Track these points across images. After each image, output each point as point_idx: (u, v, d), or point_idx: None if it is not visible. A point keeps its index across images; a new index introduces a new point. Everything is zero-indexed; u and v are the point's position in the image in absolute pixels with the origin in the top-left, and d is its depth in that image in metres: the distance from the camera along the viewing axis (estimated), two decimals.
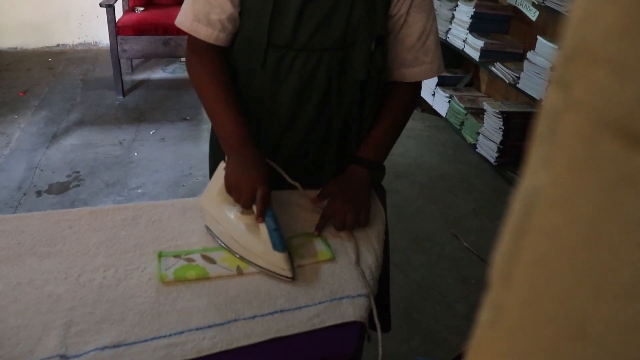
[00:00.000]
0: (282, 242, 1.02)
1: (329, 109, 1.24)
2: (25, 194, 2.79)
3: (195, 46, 1.20)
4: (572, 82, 0.17)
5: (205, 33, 1.17)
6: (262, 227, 1.02)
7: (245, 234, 1.06)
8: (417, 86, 1.33)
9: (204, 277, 1.02)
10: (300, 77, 1.18)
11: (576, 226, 0.17)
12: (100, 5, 3.70)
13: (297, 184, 1.18)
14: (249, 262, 1.05)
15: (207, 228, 1.14)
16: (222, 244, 1.09)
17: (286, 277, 1.01)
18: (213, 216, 1.11)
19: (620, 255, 0.16)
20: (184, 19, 1.18)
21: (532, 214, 0.19)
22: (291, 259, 1.04)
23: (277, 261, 1.01)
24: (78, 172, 3.01)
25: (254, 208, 1.04)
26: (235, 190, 1.05)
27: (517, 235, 0.19)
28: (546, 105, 0.18)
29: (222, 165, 1.12)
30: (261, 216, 1.03)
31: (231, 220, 1.08)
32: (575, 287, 0.17)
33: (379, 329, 0.98)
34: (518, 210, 0.20)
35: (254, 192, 1.03)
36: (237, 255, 1.06)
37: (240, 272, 1.04)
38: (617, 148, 0.16)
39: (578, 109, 0.17)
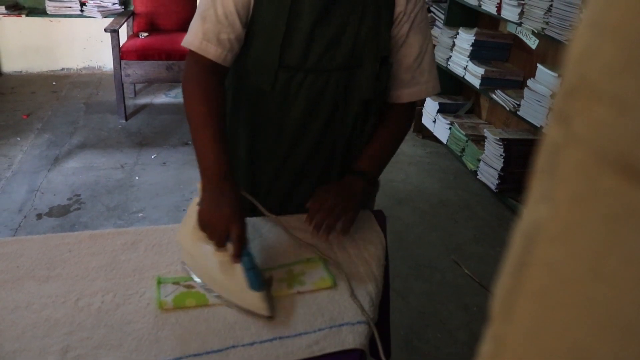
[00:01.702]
0: (259, 280, 0.99)
1: (334, 128, 1.25)
2: (25, 217, 2.79)
3: (199, 66, 1.17)
4: (572, 117, 0.17)
5: (215, 52, 1.16)
6: (238, 267, 0.99)
7: (222, 272, 1.02)
8: (413, 106, 1.35)
9: (204, 304, 1.01)
10: (308, 97, 1.20)
11: (577, 260, 0.17)
12: (105, 30, 3.74)
13: (272, 216, 1.17)
14: (225, 301, 1.02)
15: (183, 264, 1.11)
16: (198, 281, 1.06)
17: (264, 315, 0.99)
18: (189, 252, 1.08)
19: (622, 291, 0.16)
20: (192, 38, 1.16)
21: (533, 248, 0.18)
22: (269, 296, 1.01)
23: (254, 300, 0.98)
24: (79, 195, 3.01)
25: (229, 246, 1.01)
26: (209, 229, 1.02)
27: (518, 269, 0.19)
28: (547, 139, 0.18)
29: (196, 200, 1.08)
30: (237, 257, 1.00)
31: (207, 257, 1.04)
32: (577, 322, 0.17)
33: (382, 355, 0.97)
34: (519, 244, 0.19)
35: (227, 231, 1.00)
36: (214, 294, 1.03)
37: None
38: (618, 183, 0.16)
39: (578, 144, 0.17)
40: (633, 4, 0.15)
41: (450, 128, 3.81)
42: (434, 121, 3.98)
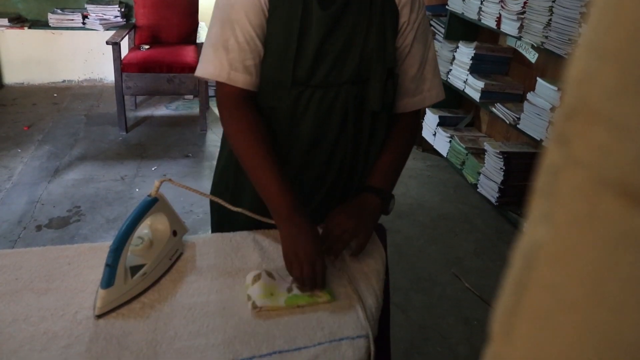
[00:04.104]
0: (109, 279, 0.99)
1: (344, 142, 1.25)
2: (25, 228, 2.79)
3: (232, 99, 1.18)
4: (571, 140, 0.17)
5: (244, 80, 1.16)
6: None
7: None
8: (417, 115, 1.36)
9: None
10: (318, 112, 1.19)
11: (576, 283, 0.17)
12: (107, 42, 3.76)
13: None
14: None
15: None
16: None
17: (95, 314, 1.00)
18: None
19: (621, 314, 0.16)
20: (218, 71, 1.16)
21: (533, 269, 0.18)
22: (114, 297, 1.01)
23: (98, 296, 1.00)
24: (79, 207, 3.01)
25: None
26: (294, 267, 1.07)
27: (518, 289, 0.19)
28: (546, 161, 0.18)
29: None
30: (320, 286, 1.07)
31: None
32: (576, 344, 0.17)
33: None
34: (519, 264, 0.19)
35: (312, 267, 1.05)
36: None
37: (254, 307, 1.03)
38: (617, 206, 0.16)
39: (577, 166, 0.17)
40: (632, 28, 0.15)
41: (450, 141, 3.81)
42: (434, 134, 3.99)
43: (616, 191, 0.16)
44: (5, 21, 4.55)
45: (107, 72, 4.93)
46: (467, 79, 3.63)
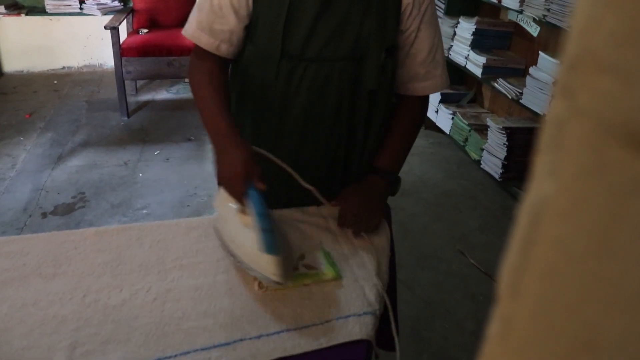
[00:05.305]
0: (273, 244, 0.97)
1: (341, 121, 1.25)
2: (30, 216, 2.80)
3: (199, 53, 1.24)
4: (576, 90, 0.17)
5: (207, 42, 1.20)
6: (255, 228, 0.98)
7: (241, 233, 1.03)
8: (426, 99, 1.36)
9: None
10: (312, 88, 1.19)
11: (584, 235, 0.17)
12: (105, 27, 3.74)
13: (312, 188, 1.18)
14: (244, 265, 1.02)
15: (215, 229, 1.14)
16: (223, 245, 1.09)
17: (275, 281, 0.97)
18: (220, 215, 1.12)
19: (630, 264, 0.16)
20: (188, 27, 1.22)
21: (540, 224, 0.18)
22: (285, 264, 0.98)
23: (265, 264, 0.97)
24: (83, 193, 3.02)
25: (251, 208, 1.01)
26: (228, 185, 1.07)
27: (525, 247, 0.19)
28: (551, 114, 0.18)
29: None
30: (244, 202, 1.02)
31: (230, 217, 1.06)
32: (585, 298, 0.17)
33: (397, 343, 0.97)
34: (525, 221, 0.19)
35: (245, 183, 1.03)
36: (237, 260, 1.04)
37: (260, 287, 1.04)
38: (624, 154, 0.15)
39: (583, 117, 0.16)
40: None
41: (452, 118, 3.80)
42: (437, 111, 3.97)
43: (622, 139, 0.15)
44: (1, 8, 4.53)
45: (106, 58, 4.91)
46: (468, 55, 3.61)
